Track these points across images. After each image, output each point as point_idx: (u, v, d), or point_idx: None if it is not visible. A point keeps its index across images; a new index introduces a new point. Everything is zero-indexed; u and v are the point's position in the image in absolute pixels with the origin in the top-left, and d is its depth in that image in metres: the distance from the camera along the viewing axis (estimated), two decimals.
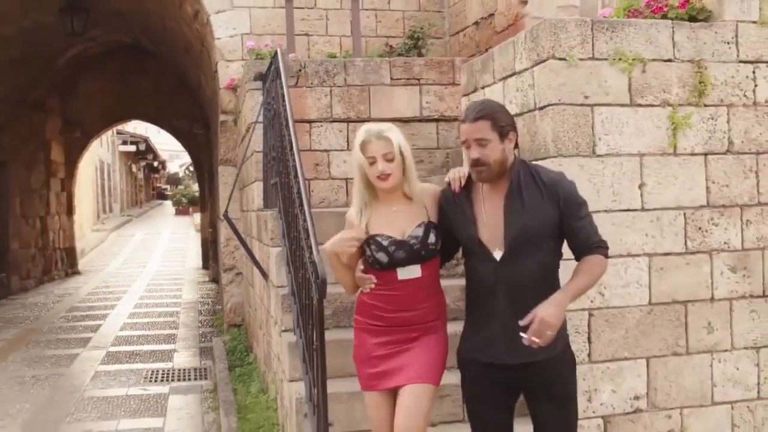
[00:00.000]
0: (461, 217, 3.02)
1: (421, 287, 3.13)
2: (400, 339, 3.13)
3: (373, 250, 3.11)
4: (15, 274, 15.34)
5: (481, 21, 7.87)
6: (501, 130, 2.90)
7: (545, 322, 2.69)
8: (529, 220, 2.88)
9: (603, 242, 2.97)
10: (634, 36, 4.04)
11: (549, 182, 2.94)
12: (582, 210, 2.95)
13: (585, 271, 2.89)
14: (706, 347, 4.14)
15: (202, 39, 9.36)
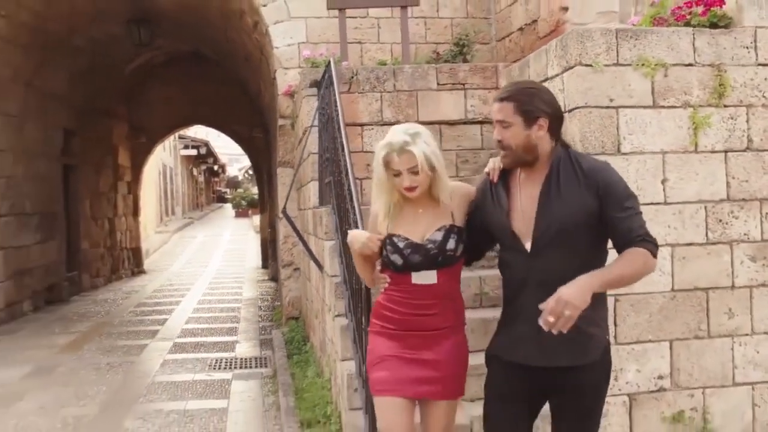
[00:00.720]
0: (496, 207, 2.87)
1: (437, 294, 3.02)
2: (414, 344, 3.05)
3: (388, 251, 3.04)
4: (86, 273, 16.13)
5: (525, 27, 8.22)
6: (526, 114, 2.74)
7: (563, 300, 2.47)
8: (562, 209, 2.71)
9: (650, 237, 2.70)
10: (656, 43, 4.38)
11: (589, 170, 2.75)
12: (626, 201, 2.72)
13: (623, 261, 2.64)
14: (727, 331, 4.45)
15: (261, 48, 9.89)
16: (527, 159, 2.79)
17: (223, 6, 10.33)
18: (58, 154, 14.44)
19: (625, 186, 2.77)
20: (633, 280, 2.72)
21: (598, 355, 2.76)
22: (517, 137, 2.76)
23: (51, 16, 11.24)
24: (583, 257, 2.70)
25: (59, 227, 14.46)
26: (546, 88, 2.89)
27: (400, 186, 2.99)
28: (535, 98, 2.76)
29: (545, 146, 2.79)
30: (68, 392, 6.97)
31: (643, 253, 2.63)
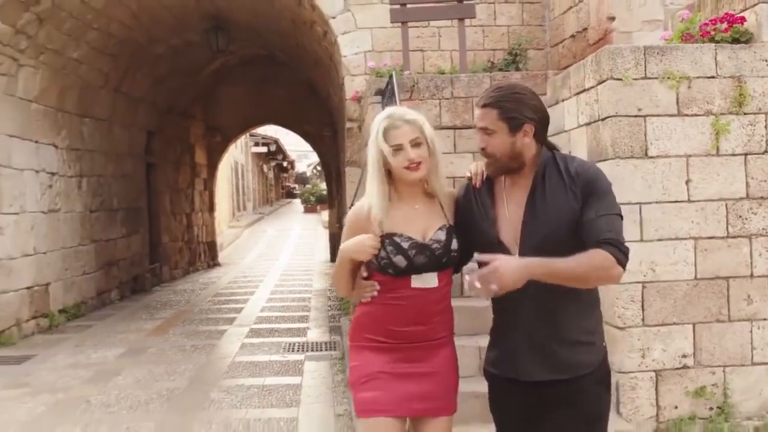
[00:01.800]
0: (481, 215, 2.72)
1: (435, 299, 2.82)
2: (409, 357, 2.83)
3: (389, 252, 2.76)
4: (166, 265, 17.19)
5: (576, 34, 8.73)
6: (511, 121, 2.58)
7: (499, 274, 2.32)
8: (550, 217, 2.56)
9: (619, 243, 2.49)
10: (681, 58, 4.90)
11: (575, 172, 2.59)
12: (603, 206, 2.53)
13: (579, 258, 2.44)
14: (746, 316, 4.95)
15: (330, 55, 10.61)
16: (512, 167, 2.64)
17: (294, 16, 11.08)
18: (141, 153, 15.48)
19: (608, 188, 2.59)
20: (585, 282, 2.50)
21: (597, 363, 2.64)
22: (501, 145, 2.60)
23: (136, 27, 12.17)
24: None
25: (143, 222, 15.50)
26: (532, 91, 2.68)
27: (401, 166, 2.75)
28: (520, 104, 2.59)
29: (530, 151, 2.64)
30: (159, 369, 7.80)
31: (603, 255, 2.44)
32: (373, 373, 2.83)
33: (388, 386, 2.80)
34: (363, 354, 2.89)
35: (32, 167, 10.50)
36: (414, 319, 2.80)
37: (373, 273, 2.87)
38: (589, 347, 2.64)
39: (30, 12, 9.62)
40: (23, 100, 10.29)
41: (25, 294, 10.12)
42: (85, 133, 12.43)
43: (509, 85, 2.68)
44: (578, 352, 2.61)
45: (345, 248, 2.86)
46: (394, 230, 2.78)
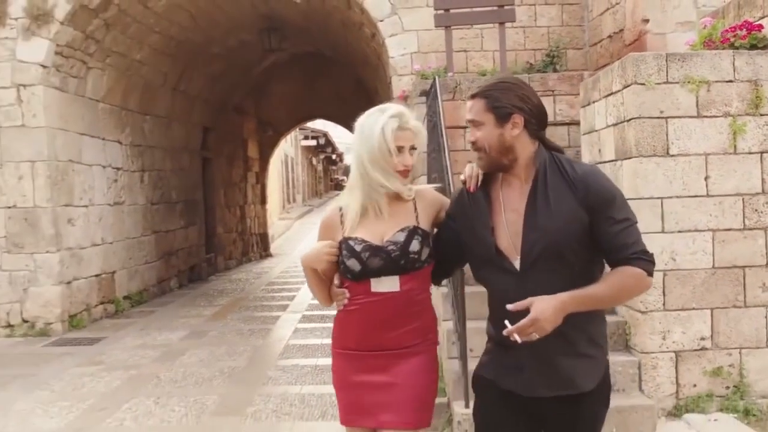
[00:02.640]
0: (477, 221, 2.58)
1: (401, 304, 2.72)
2: (377, 365, 2.75)
3: (344, 256, 2.73)
4: (220, 255, 17.94)
5: (613, 35, 9.11)
6: (498, 111, 2.48)
7: (537, 323, 2.28)
8: (552, 224, 2.42)
9: (647, 254, 2.43)
10: (700, 64, 5.31)
11: (577, 176, 2.46)
12: (620, 211, 2.44)
13: (612, 281, 2.40)
14: (762, 302, 5.34)
15: (379, 55, 11.13)
16: (504, 162, 2.52)
17: (344, 18, 11.63)
18: (197, 148, 16.22)
19: (617, 193, 2.48)
20: (620, 301, 2.53)
21: (599, 379, 2.53)
22: (489, 137, 2.49)
23: (194, 29, 12.84)
24: (577, 273, 2.44)
25: (199, 214, 16.25)
26: (524, 83, 2.59)
27: (394, 168, 2.72)
28: (508, 93, 2.49)
29: (525, 148, 2.51)
30: (220, 350, 8.44)
31: (637, 274, 2.39)
32: (344, 383, 2.82)
33: (355, 395, 2.78)
34: (336, 361, 2.87)
35: (100, 163, 11.25)
36: (379, 325, 2.72)
37: (343, 279, 2.81)
38: (593, 362, 2.52)
39: (99, 18, 10.33)
40: (91, 100, 11.04)
41: (94, 281, 10.87)
42: (146, 129, 13.18)
43: (501, 76, 2.61)
44: (582, 367, 2.49)
45: (303, 259, 2.83)
46: (352, 234, 2.75)
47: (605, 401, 2.60)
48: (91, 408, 6.23)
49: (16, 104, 9.67)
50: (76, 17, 9.91)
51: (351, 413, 2.83)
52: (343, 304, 2.80)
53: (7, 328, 9.74)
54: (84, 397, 6.60)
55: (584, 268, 2.47)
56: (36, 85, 9.67)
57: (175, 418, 5.88)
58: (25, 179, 9.69)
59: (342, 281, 2.82)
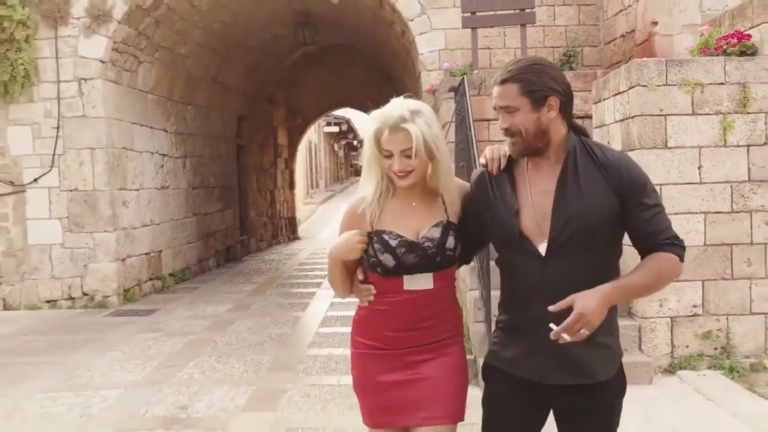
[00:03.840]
0: (500, 204, 2.52)
1: (432, 301, 2.64)
2: (410, 362, 2.67)
3: (377, 251, 2.60)
4: (252, 237, 18.88)
5: (626, 34, 9.89)
6: (533, 95, 2.40)
7: (584, 318, 2.23)
8: (584, 207, 2.39)
9: (679, 239, 2.44)
10: (695, 68, 6.11)
11: (609, 161, 2.44)
12: (651, 197, 2.43)
13: (649, 267, 2.39)
14: (746, 275, 6.16)
15: (408, 51, 11.96)
16: (538, 146, 2.47)
17: (375, 15, 12.45)
18: (233, 136, 17.13)
19: (647, 179, 2.47)
20: (657, 288, 2.46)
21: (615, 370, 2.52)
22: (526, 122, 2.42)
23: (234, 24, 13.72)
24: (601, 259, 2.45)
25: (234, 198, 17.18)
26: (553, 64, 2.56)
27: (389, 170, 2.62)
28: (542, 75, 2.42)
29: (558, 131, 2.47)
30: (266, 320, 9.36)
31: (672, 259, 2.39)
32: (371, 385, 2.71)
33: (388, 395, 2.68)
34: (361, 361, 2.75)
35: (148, 150, 12.18)
36: (408, 323, 2.63)
37: (368, 273, 2.70)
38: (610, 352, 2.50)
39: (150, 17, 11.23)
40: (141, 91, 11.96)
41: (144, 259, 11.83)
42: (188, 119, 14.10)
43: (528, 58, 2.52)
44: (600, 356, 2.46)
45: (334, 249, 2.69)
46: (384, 227, 2.63)
47: (622, 391, 2.56)
48: (162, 365, 7.16)
49: (77, 96, 10.60)
50: (131, 16, 10.81)
51: (381, 414, 2.71)
52: (369, 300, 2.69)
53: (69, 300, 10.71)
54: (153, 356, 7.53)
55: (608, 255, 2.48)
56: (95, 79, 10.59)
57: (237, 373, 6.80)
58: (85, 165, 10.63)
59: (367, 275, 2.69)
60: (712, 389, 5.66)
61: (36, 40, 10.49)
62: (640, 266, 2.40)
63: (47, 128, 10.59)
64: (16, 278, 10.71)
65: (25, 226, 10.69)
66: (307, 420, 5.38)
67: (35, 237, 10.68)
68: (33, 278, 10.70)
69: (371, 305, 2.70)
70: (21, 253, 10.71)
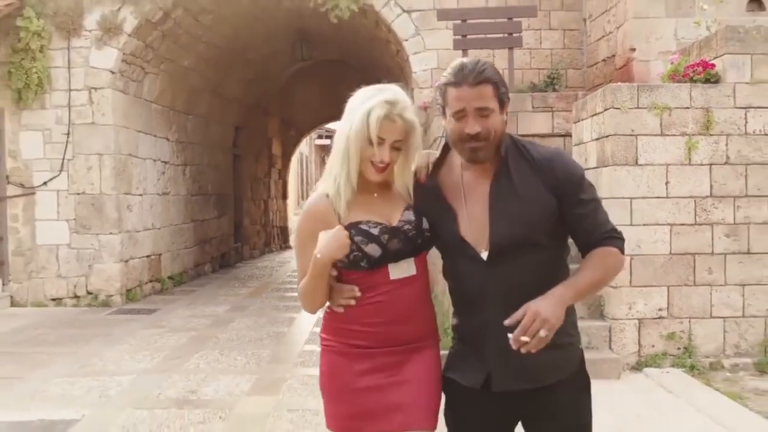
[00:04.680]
0: (437, 211, 2.47)
1: (415, 290, 2.52)
2: (390, 363, 2.51)
3: (359, 243, 2.44)
4: (246, 244, 19.41)
5: (607, 59, 10.54)
6: (501, 96, 2.35)
7: (540, 316, 2.15)
8: (518, 208, 2.35)
9: (618, 232, 2.43)
10: (664, 94, 6.74)
11: (542, 159, 2.39)
12: (587, 192, 2.40)
13: (593, 264, 2.36)
14: (707, 282, 6.77)
15: (402, 68, 12.58)
16: (495, 151, 2.40)
17: (372, 35, 13.07)
18: (230, 146, 17.70)
19: (583, 173, 2.43)
20: (606, 283, 2.44)
21: (575, 367, 2.47)
22: (497, 125, 2.35)
23: (235, 39, 14.31)
24: (546, 258, 2.40)
25: (229, 206, 17.72)
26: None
27: (370, 159, 2.46)
28: (502, 78, 2.38)
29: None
30: (263, 320, 9.91)
31: (614, 253, 2.38)
32: (345, 387, 2.52)
33: (366, 398, 2.50)
34: (333, 359, 2.55)
35: (152, 157, 12.74)
36: (395, 316, 2.48)
37: (343, 272, 2.51)
38: (567, 350, 2.44)
39: (158, 30, 11.82)
40: (146, 101, 12.53)
41: (145, 261, 12.36)
42: (188, 128, 14.67)
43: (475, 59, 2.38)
44: (558, 357, 2.39)
45: (321, 251, 2.42)
46: (354, 218, 2.47)
47: (585, 387, 2.51)
48: (168, 356, 7.70)
49: (87, 104, 11.16)
50: (141, 30, 11.39)
51: (352, 419, 2.53)
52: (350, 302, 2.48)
53: (74, 298, 11.23)
54: (159, 349, 8.08)
55: (553, 254, 2.44)
56: (105, 89, 11.16)
57: (240, 364, 7.36)
58: (93, 170, 11.18)
59: (340, 273, 2.52)
60: (673, 384, 6.25)
61: (50, 50, 11.05)
62: (586, 264, 2.38)
63: (58, 134, 11.14)
64: (24, 276, 11.22)
65: (34, 227, 11.21)
66: (306, 403, 5.94)
67: (43, 237, 11.20)
68: (40, 277, 11.21)
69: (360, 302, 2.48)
70: (29, 252, 11.23)
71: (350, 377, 2.52)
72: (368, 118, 2.43)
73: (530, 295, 2.26)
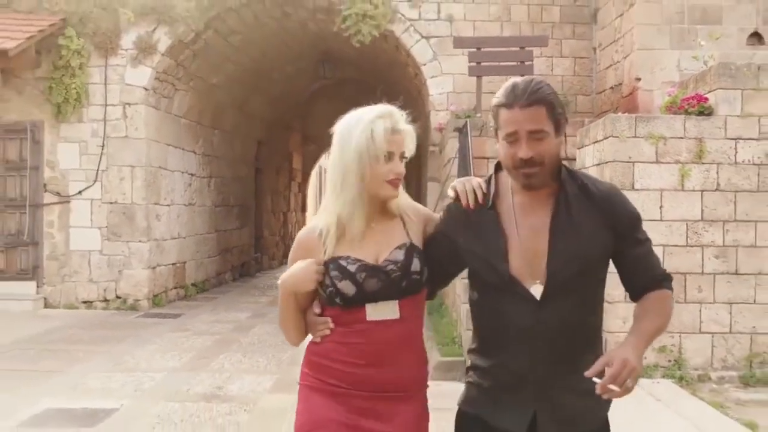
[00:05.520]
0: (482, 244, 2.28)
1: (398, 334, 2.33)
2: (362, 408, 2.33)
3: (334, 278, 2.31)
4: (265, 255, 20.04)
5: (614, 86, 11.10)
6: (557, 119, 2.21)
7: (630, 365, 2.04)
8: (582, 245, 2.22)
9: (668, 274, 2.39)
10: (660, 124, 7.28)
11: (601, 194, 2.27)
12: (642, 231, 2.34)
13: (657, 311, 2.30)
14: (697, 300, 7.28)
15: (419, 90, 13.19)
16: (553, 177, 2.27)
17: (392, 58, 13.71)
18: (252, 159, 18.36)
19: (639, 213, 2.35)
20: (666, 328, 2.37)
21: (603, 418, 2.36)
22: (552, 149, 2.21)
23: (262, 59, 14.98)
24: (592, 297, 2.32)
25: (250, 217, 18.37)
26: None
27: (383, 177, 2.35)
28: (558, 99, 2.24)
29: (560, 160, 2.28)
30: None
31: (670, 296, 2.34)
32: (322, 421, 2.33)
33: None
34: (312, 398, 2.39)
35: (179, 169, 13.40)
36: (373, 359, 2.31)
37: (325, 307, 2.39)
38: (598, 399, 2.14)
39: (189, 49, 12.49)
40: (176, 116, 13.21)
41: (171, 268, 13.00)
42: (214, 142, 15.34)
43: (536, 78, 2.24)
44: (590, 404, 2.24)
45: (287, 281, 2.35)
46: (340, 253, 2.34)
47: None
48: (195, 356, 8.30)
49: (121, 119, 11.84)
50: (173, 49, 12.08)
51: None
52: (324, 334, 2.37)
53: (103, 302, 11.87)
54: (187, 350, 8.68)
55: (598, 292, 2.35)
56: (139, 104, 11.84)
57: (262, 365, 7.94)
58: (125, 181, 11.84)
59: (323, 310, 2.39)
60: (662, 393, 6.77)
61: (88, 68, 11.76)
62: (649, 310, 2.30)
63: (93, 146, 11.83)
64: (58, 280, 11.88)
65: (68, 233, 11.88)
66: None
67: (76, 243, 11.87)
68: (73, 281, 11.87)
69: (330, 339, 2.36)
70: (63, 257, 11.89)
71: (325, 411, 2.34)
72: (373, 135, 2.33)
73: (576, 334, 2.24)
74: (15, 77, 11.54)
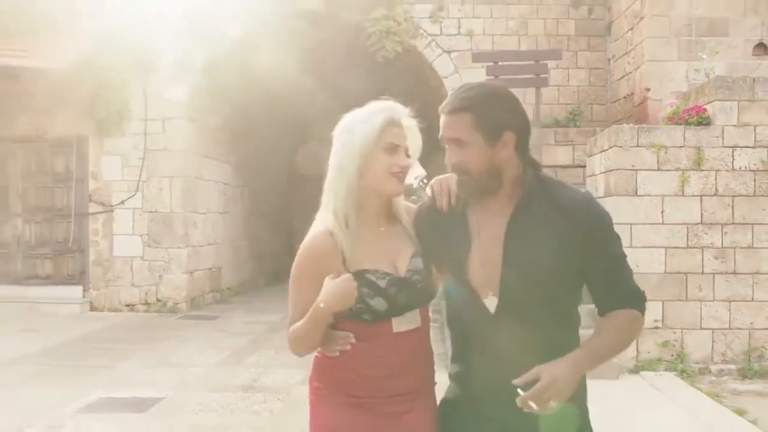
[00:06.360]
0: (445, 249, 2.23)
1: (418, 339, 2.32)
2: (389, 413, 2.29)
3: (364, 295, 2.21)
4: None
5: (627, 96, 11.61)
6: (488, 130, 2.08)
7: (555, 386, 1.93)
8: (538, 257, 2.09)
9: (640, 293, 2.20)
10: (661, 134, 7.81)
11: (569, 205, 2.11)
12: (615, 244, 2.17)
13: (616, 329, 2.12)
14: (698, 298, 7.79)
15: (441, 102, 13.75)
16: (491, 187, 2.15)
17: (417, 75, 14.35)
18: (285, 169, 19.06)
19: (611, 224, 2.20)
20: (624, 349, 2.19)
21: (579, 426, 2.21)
22: (478, 159, 2.09)
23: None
24: (559, 310, 2.17)
25: (283, 225, 19.06)
26: (510, 92, 2.20)
27: (388, 170, 2.28)
28: (497, 106, 2.11)
29: (513, 169, 2.15)
30: None
31: (636, 317, 2.17)
32: None
33: None
34: (325, 410, 2.36)
35: (214, 179, 14.13)
36: (397, 369, 2.28)
37: (340, 321, 2.28)
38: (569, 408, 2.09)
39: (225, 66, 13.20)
40: (212, 129, 13.93)
41: (207, 273, 13.71)
42: (248, 153, 16.06)
43: (481, 84, 2.19)
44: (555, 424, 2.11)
45: (326, 301, 2.18)
46: (362, 264, 2.25)
47: None
48: (232, 354, 8.97)
49: (161, 133, 12.59)
50: (209, 67, 12.80)
51: None
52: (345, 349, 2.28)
53: (145, 305, 12.62)
54: (223, 348, 9.35)
55: (567, 306, 2.21)
56: (177, 119, 12.58)
57: (293, 361, 8.38)
58: (164, 190, 12.58)
59: (337, 321, 2.28)
60: (663, 384, 7.29)
61: (129, 85, 12.51)
62: (607, 328, 2.14)
63: (134, 158, 12.58)
64: (102, 284, 12.65)
65: (111, 241, 12.65)
66: None
67: (120, 250, 12.63)
68: (116, 285, 12.63)
69: (349, 351, 2.28)
70: (107, 263, 12.65)
71: (351, 425, 2.30)
72: (377, 126, 2.26)
73: (542, 350, 2.06)
74: (61, 95, 12.33)
